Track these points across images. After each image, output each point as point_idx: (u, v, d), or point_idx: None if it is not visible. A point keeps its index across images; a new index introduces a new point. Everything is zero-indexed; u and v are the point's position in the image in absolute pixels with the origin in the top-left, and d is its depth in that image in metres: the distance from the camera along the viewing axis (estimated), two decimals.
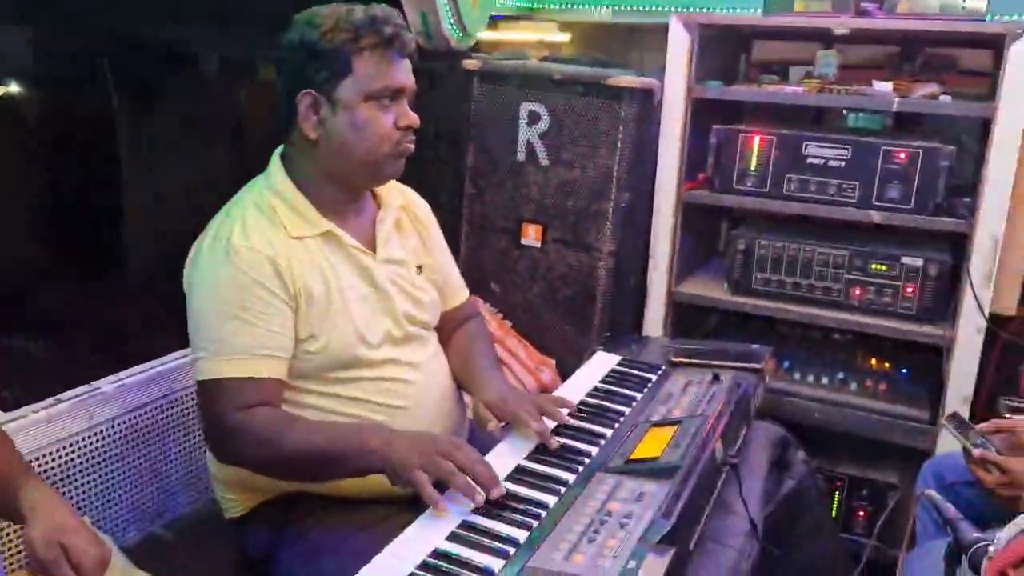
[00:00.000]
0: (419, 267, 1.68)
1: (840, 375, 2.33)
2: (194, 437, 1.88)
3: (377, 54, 1.46)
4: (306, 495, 1.52)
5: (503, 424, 1.57)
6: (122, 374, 1.76)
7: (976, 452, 1.69)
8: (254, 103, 2.74)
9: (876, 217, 2.14)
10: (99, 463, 1.68)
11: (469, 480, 1.31)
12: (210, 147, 2.65)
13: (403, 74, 1.50)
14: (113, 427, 1.70)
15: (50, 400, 1.62)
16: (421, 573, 1.16)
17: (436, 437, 1.41)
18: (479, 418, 1.58)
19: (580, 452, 1.49)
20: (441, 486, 1.32)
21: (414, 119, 1.52)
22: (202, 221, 1.53)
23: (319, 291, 1.49)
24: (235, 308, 1.42)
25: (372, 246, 1.59)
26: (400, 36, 1.48)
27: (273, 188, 1.53)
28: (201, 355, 1.44)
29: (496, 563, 1.18)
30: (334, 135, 1.49)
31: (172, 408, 1.83)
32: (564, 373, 2.37)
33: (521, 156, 2.46)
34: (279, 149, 1.59)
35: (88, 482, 1.66)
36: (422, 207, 1.77)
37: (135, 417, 1.75)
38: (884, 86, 2.15)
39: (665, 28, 2.30)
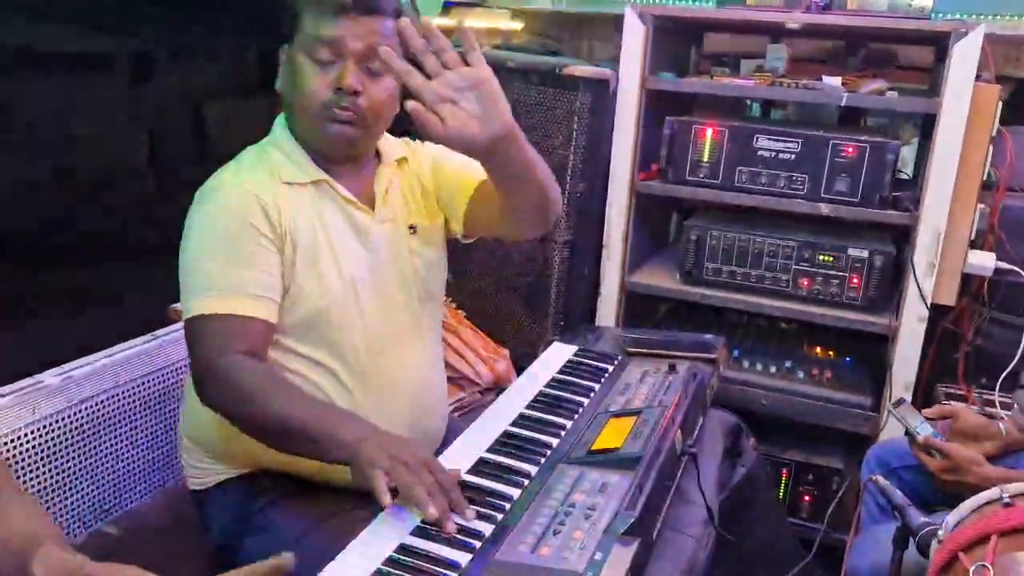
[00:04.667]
0: (411, 227, 1.58)
1: (787, 363, 2.38)
2: (143, 431, 1.83)
3: (324, 6, 1.38)
4: (274, 474, 1.49)
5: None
6: (67, 366, 1.70)
7: (921, 437, 1.74)
8: None
9: (825, 209, 2.19)
10: (43, 459, 1.62)
11: (425, 495, 1.22)
12: None
13: (346, 31, 1.37)
14: (58, 421, 1.64)
15: None
16: (387, 569, 1.15)
17: (413, 448, 1.30)
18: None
19: (541, 443, 1.49)
20: None
21: (348, 82, 1.37)
22: None
23: (306, 240, 1.44)
24: (225, 245, 1.38)
25: (371, 204, 1.53)
26: None
27: (273, 139, 1.51)
28: (189, 295, 1.38)
29: (463, 557, 1.17)
30: (282, 89, 1.47)
31: (120, 401, 1.77)
32: (517, 362, 2.37)
33: None
34: None
35: (32, 479, 1.60)
36: (426, 160, 1.63)
37: (81, 410, 1.69)
38: (833, 81, 2.19)
39: (614, 18, 2.31)
